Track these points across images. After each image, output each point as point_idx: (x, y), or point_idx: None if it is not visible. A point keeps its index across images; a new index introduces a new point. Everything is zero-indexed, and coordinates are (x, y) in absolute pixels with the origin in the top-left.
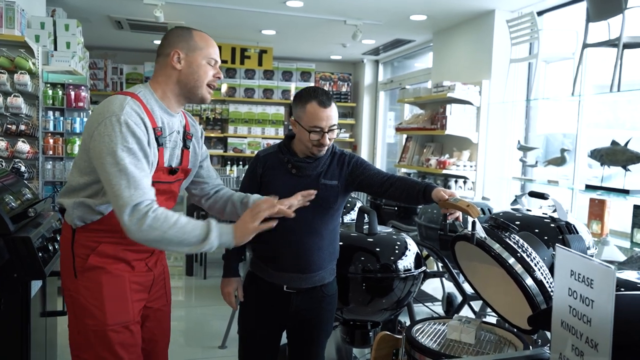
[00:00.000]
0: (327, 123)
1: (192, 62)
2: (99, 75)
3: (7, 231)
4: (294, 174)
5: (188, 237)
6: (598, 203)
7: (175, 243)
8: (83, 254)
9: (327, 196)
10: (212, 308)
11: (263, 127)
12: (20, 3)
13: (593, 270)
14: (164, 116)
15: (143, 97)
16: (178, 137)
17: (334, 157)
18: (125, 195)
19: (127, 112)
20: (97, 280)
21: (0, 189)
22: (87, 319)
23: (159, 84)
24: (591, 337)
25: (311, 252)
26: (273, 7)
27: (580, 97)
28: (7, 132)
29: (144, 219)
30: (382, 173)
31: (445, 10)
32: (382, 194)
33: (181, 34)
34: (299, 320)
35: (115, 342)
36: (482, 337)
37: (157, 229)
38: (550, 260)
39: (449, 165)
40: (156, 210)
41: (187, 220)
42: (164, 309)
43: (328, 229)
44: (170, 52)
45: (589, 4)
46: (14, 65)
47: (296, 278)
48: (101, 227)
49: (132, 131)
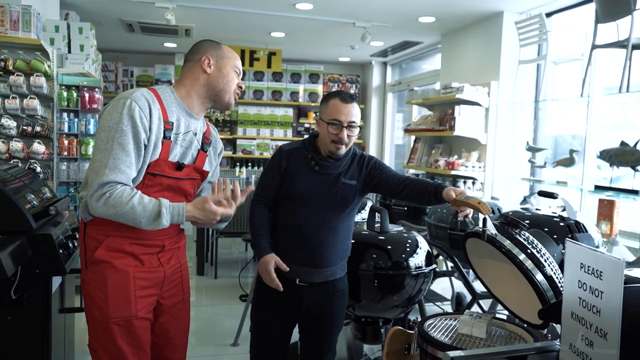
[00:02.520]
0: (346, 117)
1: (222, 68)
2: (110, 77)
3: (30, 228)
4: (317, 171)
5: (139, 217)
6: (607, 203)
7: (129, 221)
8: (92, 247)
9: (346, 195)
10: (223, 307)
11: (272, 128)
12: (35, 7)
13: (602, 262)
14: (181, 114)
15: (161, 92)
16: (195, 139)
17: (354, 158)
18: (100, 172)
19: (136, 96)
20: (102, 274)
21: (21, 187)
22: (94, 309)
23: (184, 85)
24: (601, 326)
25: (325, 247)
26: (282, 9)
27: (589, 98)
28: (23, 134)
29: (102, 198)
30: (397, 175)
31: (453, 12)
32: (396, 194)
33: (211, 44)
34: (311, 314)
35: (117, 334)
36: (493, 332)
37: (111, 207)
38: (560, 257)
39: (458, 166)
40: (114, 191)
41: (140, 201)
42: (180, 305)
43: (343, 226)
44: (202, 57)
45: (597, 5)
46: (30, 67)
47: (309, 272)
48: (108, 220)
49: (131, 115)
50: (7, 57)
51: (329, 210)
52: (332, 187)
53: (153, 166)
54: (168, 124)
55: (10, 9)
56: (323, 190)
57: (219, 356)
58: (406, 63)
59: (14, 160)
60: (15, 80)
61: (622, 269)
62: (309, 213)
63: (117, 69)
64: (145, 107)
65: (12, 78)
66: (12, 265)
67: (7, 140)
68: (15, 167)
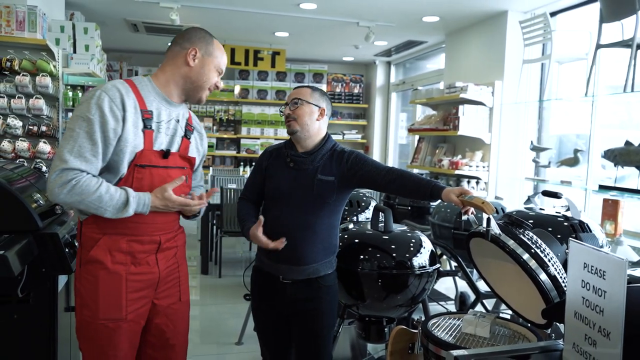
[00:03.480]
0: (289, 98)
1: (205, 65)
2: (115, 77)
3: (36, 227)
4: (292, 167)
5: (105, 206)
6: (612, 203)
7: (92, 209)
8: (88, 246)
9: (323, 191)
10: (227, 306)
11: (276, 128)
12: (41, 7)
13: (605, 262)
14: (161, 103)
15: (138, 83)
16: (178, 126)
17: (333, 154)
18: (63, 157)
19: (106, 87)
20: (94, 274)
21: (28, 187)
22: (84, 308)
23: (164, 72)
24: (604, 326)
25: (304, 246)
26: (287, 9)
27: (594, 97)
28: (29, 133)
29: (66, 186)
30: (381, 166)
31: (457, 11)
32: (384, 188)
33: (203, 36)
34: (298, 310)
35: (103, 337)
36: (496, 331)
37: (77, 195)
38: (564, 256)
39: (462, 166)
40: (81, 179)
41: (107, 190)
42: (176, 306)
43: (323, 224)
44: (189, 47)
45: (602, 5)
46: (36, 67)
47: (290, 269)
48: (102, 218)
49: (100, 104)
50: (13, 57)
51: (307, 207)
52: (309, 183)
53: (139, 157)
54: (147, 113)
55: (16, 10)
56: (300, 187)
57: (223, 355)
58: (410, 63)
59: (19, 159)
60: (21, 80)
61: (625, 268)
62: (288, 211)
63: (121, 68)
64: (116, 97)
65: (18, 78)
66: (18, 264)
67: (13, 139)
68: (21, 167)
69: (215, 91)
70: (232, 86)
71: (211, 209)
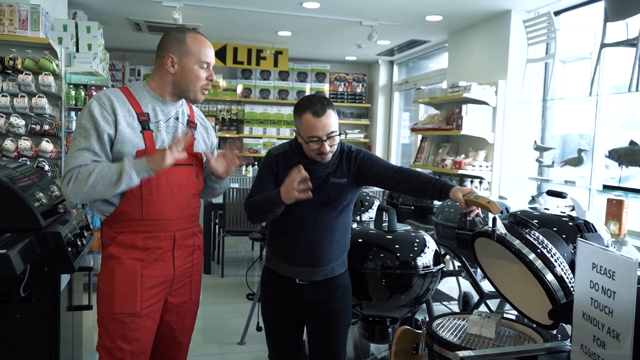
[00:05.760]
0: (323, 132)
1: (185, 67)
2: (117, 76)
3: (39, 226)
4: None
5: (106, 178)
6: (616, 203)
7: (100, 190)
8: (106, 244)
9: (338, 194)
10: (229, 306)
11: (278, 127)
12: (44, 6)
13: (615, 262)
14: (156, 104)
15: (132, 88)
16: (179, 123)
17: (342, 155)
18: (68, 162)
19: (97, 96)
20: (111, 269)
21: (30, 185)
22: (103, 305)
23: (154, 81)
24: (613, 327)
25: (322, 247)
26: (289, 8)
27: (598, 97)
28: (32, 132)
29: (69, 181)
30: (389, 166)
31: (461, 10)
32: (392, 187)
33: (175, 38)
34: (315, 311)
35: (117, 331)
36: (502, 332)
37: (79, 182)
38: (570, 256)
39: (465, 166)
40: (79, 171)
41: (105, 165)
42: (186, 305)
43: (339, 224)
44: (165, 55)
45: (607, 4)
46: (39, 66)
47: (308, 272)
48: (118, 217)
49: (91, 112)
50: (16, 56)
51: (322, 210)
52: (323, 188)
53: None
54: (143, 115)
55: (19, 9)
56: (315, 192)
57: (226, 355)
58: (413, 62)
59: (22, 158)
60: (24, 79)
61: (635, 269)
62: (304, 216)
63: (124, 67)
64: (106, 104)
65: (20, 77)
66: (21, 262)
67: (15, 138)
68: (23, 166)
69: (217, 90)
70: (235, 85)
71: (213, 208)
